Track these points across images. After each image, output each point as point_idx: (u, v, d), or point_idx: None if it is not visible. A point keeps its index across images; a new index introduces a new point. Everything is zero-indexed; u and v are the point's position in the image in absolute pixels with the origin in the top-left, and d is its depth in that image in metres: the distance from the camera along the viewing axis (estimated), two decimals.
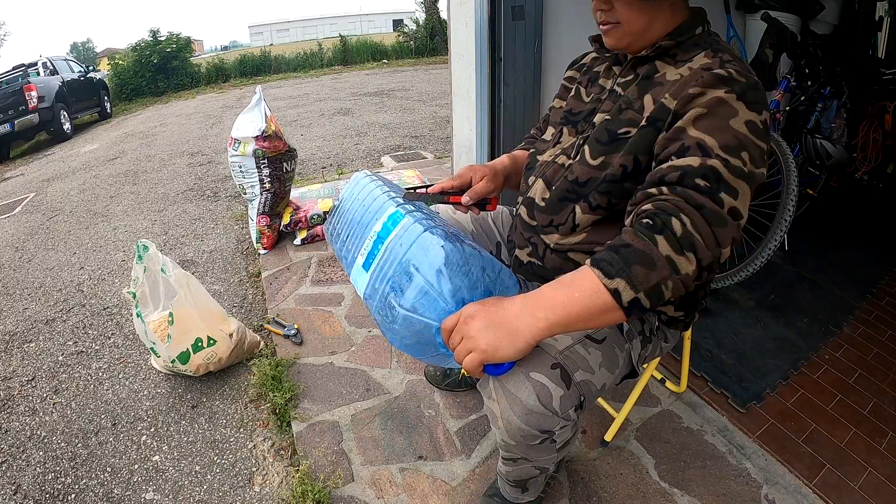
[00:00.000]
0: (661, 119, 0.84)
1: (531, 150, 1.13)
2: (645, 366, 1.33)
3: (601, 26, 0.93)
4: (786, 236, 1.88)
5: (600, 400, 1.46)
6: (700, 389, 1.56)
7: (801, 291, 2.08)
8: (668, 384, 1.57)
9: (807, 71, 2.20)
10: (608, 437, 1.37)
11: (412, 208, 0.90)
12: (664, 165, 0.80)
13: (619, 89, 0.96)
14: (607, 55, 1.03)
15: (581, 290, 0.72)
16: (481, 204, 1.09)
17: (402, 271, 0.80)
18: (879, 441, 1.39)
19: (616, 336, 0.96)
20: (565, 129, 1.04)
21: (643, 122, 0.87)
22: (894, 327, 1.87)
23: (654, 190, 0.79)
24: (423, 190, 1.05)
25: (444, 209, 1.20)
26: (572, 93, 1.09)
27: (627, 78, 0.95)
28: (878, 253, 2.37)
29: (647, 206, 0.77)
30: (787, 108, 2.18)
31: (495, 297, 0.79)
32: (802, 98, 2.21)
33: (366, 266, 0.86)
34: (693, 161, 0.77)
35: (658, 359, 1.33)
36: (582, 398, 0.87)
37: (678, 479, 1.28)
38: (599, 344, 0.92)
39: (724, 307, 1.96)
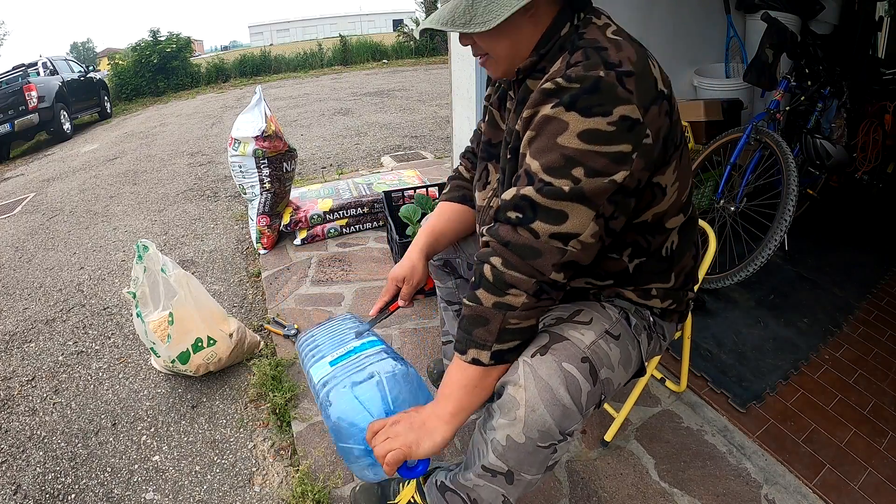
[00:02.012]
0: (518, 147, 0.85)
1: (467, 195, 1.17)
2: (647, 363, 1.33)
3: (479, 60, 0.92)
4: (786, 236, 1.88)
5: None
6: (700, 389, 1.56)
7: (801, 291, 2.08)
8: (668, 384, 1.57)
9: (807, 71, 2.19)
10: (608, 437, 1.37)
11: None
12: (504, 193, 0.82)
13: (510, 118, 0.96)
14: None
15: (455, 375, 0.85)
16: (420, 292, 1.17)
17: (364, 372, 0.98)
18: (879, 441, 1.39)
19: (627, 332, 0.94)
20: (490, 166, 1.05)
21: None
22: (894, 327, 1.87)
23: (486, 229, 0.83)
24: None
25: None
26: (488, 118, 1.08)
27: (515, 105, 0.94)
28: (878, 253, 2.37)
29: (479, 250, 0.84)
30: (787, 108, 2.18)
31: (414, 408, 0.89)
32: (802, 98, 2.21)
33: (332, 363, 1.04)
34: (511, 191, 0.79)
35: (658, 358, 1.33)
36: (602, 396, 0.86)
37: (678, 479, 1.28)
38: (617, 340, 0.91)
39: (724, 307, 1.97)
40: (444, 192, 1.23)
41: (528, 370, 0.82)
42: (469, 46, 0.90)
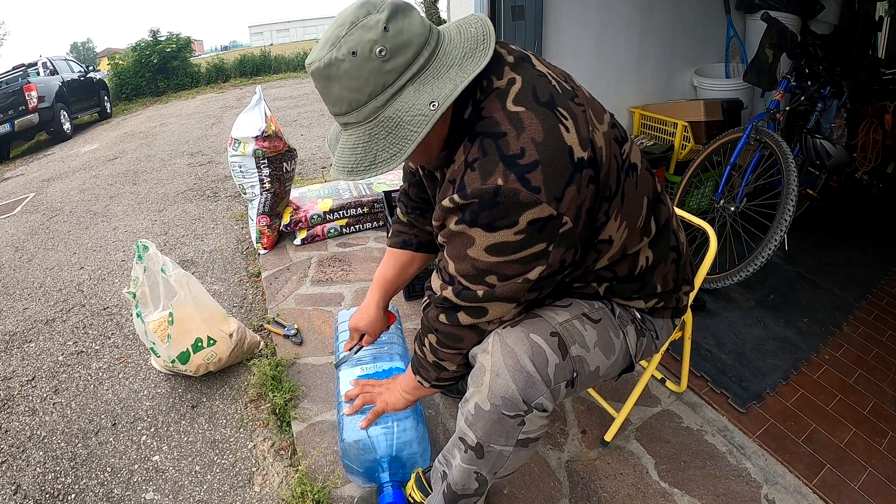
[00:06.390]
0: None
1: (405, 239, 1.20)
2: (643, 363, 1.33)
3: None
4: (786, 236, 1.88)
5: (600, 400, 1.46)
6: (700, 389, 1.56)
7: (801, 291, 2.08)
8: (668, 384, 1.57)
9: (807, 71, 2.19)
10: (608, 437, 1.37)
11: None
12: (433, 275, 0.89)
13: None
14: None
15: (409, 377, 1.05)
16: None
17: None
18: (879, 441, 1.39)
19: (609, 319, 0.96)
20: None
21: None
22: (894, 327, 1.87)
23: (426, 296, 0.92)
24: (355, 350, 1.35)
25: None
26: (420, 177, 1.09)
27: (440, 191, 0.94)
28: (878, 253, 2.37)
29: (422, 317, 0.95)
30: (787, 108, 2.18)
31: (392, 377, 1.16)
32: (802, 98, 2.21)
33: (360, 377, 1.30)
34: (437, 285, 0.86)
35: (658, 358, 1.33)
36: (574, 374, 0.88)
37: (678, 479, 1.28)
38: (595, 323, 0.93)
39: (724, 307, 1.96)
40: (389, 237, 1.27)
41: (496, 339, 0.87)
42: None
